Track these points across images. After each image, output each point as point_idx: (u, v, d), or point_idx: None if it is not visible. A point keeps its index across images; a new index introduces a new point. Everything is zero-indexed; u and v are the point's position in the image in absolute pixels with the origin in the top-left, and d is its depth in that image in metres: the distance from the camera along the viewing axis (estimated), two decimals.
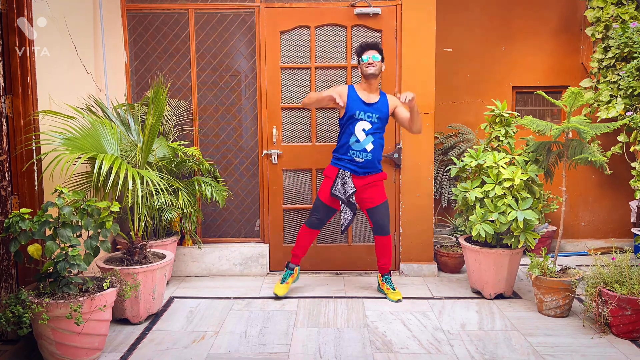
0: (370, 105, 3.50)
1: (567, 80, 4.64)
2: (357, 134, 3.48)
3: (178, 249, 4.12)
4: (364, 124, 3.48)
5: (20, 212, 2.54)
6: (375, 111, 3.49)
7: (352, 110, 3.49)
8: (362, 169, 3.51)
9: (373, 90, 3.54)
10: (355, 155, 3.49)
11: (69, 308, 2.52)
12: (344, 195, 3.49)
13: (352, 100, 3.51)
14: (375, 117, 3.49)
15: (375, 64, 3.45)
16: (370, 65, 3.45)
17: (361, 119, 3.48)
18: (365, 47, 3.49)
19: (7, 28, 2.77)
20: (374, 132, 3.49)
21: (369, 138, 3.49)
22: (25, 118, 2.81)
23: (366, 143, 3.49)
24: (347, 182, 3.49)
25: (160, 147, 3.74)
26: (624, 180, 4.58)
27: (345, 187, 3.49)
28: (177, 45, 4.13)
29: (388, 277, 3.71)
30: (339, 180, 3.51)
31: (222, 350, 2.86)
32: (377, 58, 3.45)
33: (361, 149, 3.48)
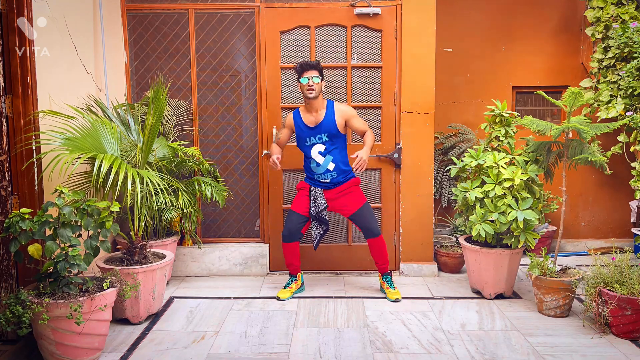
0: (315, 127, 3.49)
1: (567, 80, 4.64)
2: (315, 158, 3.51)
3: (178, 249, 4.12)
4: (318, 147, 3.50)
5: (21, 212, 2.54)
6: (323, 131, 3.48)
7: (301, 139, 3.54)
8: (332, 185, 3.56)
9: (318, 108, 3.51)
10: (321, 178, 3.54)
11: (69, 308, 2.52)
12: (314, 212, 3.53)
13: (298, 127, 3.55)
14: (325, 136, 3.49)
15: (315, 87, 3.43)
16: (310, 89, 3.43)
17: (314, 144, 3.50)
18: (305, 67, 3.44)
19: (7, 28, 2.77)
20: (330, 150, 3.50)
21: (328, 158, 3.50)
22: (25, 118, 2.81)
23: (327, 164, 3.51)
24: (319, 198, 3.54)
25: (160, 147, 3.74)
26: (624, 180, 4.58)
27: (316, 204, 3.53)
28: (177, 45, 4.13)
29: (388, 277, 3.71)
30: (312, 197, 3.56)
31: (222, 350, 2.86)
32: (317, 80, 3.44)
33: (324, 171, 3.52)
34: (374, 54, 4.09)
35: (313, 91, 3.44)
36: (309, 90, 3.44)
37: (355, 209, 3.56)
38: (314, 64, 3.47)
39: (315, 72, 3.45)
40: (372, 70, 4.10)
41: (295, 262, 3.70)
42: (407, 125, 4.07)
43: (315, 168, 3.53)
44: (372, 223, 3.57)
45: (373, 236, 3.58)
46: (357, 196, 3.59)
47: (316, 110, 3.52)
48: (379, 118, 4.12)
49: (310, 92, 3.44)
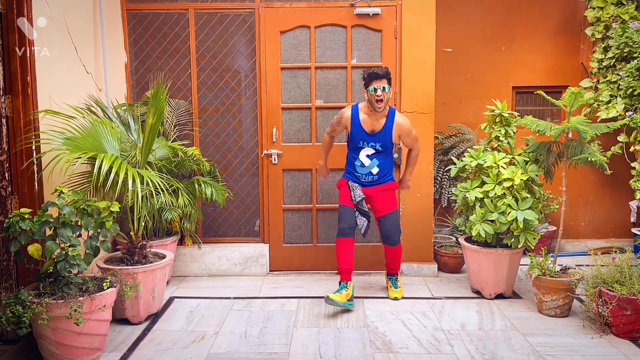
0: (374, 135, 3.45)
1: (567, 80, 4.64)
2: (361, 159, 3.52)
3: (178, 249, 4.12)
4: (368, 150, 3.50)
5: (21, 212, 2.54)
6: (379, 140, 3.46)
7: (355, 140, 3.50)
8: (371, 183, 3.57)
9: (380, 117, 3.45)
10: (362, 178, 3.56)
11: (69, 308, 2.52)
12: (354, 202, 3.52)
13: (354, 127, 3.47)
14: (378, 145, 3.47)
15: (384, 97, 3.35)
16: (379, 100, 3.34)
17: (364, 147, 3.49)
18: (373, 76, 3.34)
19: (7, 28, 2.77)
20: (378, 155, 3.51)
21: (374, 162, 3.51)
22: (25, 118, 2.81)
23: (371, 167, 3.51)
24: (356, 190, 3.53)
25: (160, 147, 3.74)
26: (624, 180, 4.58)
27: (354, 194, 3.52)
28: (177, 45, 4.13)
29: (394, 277, 3.73)
30: (350, 189, 3.55)
31: (222, 350, 2.86)
32: (387, 89, 3.36)
33: (366, 173, 3.53)
34: (374, 54, 4.09)
35: (382, 101, 3.34)
36: (379, 100, 3.34)
37: (386, 211, 3.54)
38: (384, 72, 3.35)
39: (385, 81, 3.34)
40: None
41: (346, 265, 3.45)
42: None
43: (360, 168, 3.53)
44: (394, 231, 3.55)
45: (390, 244, 3.58)
46: (391, 199, 3.57)
47: (377, 118, 3.44)
48: None
49: (379, 102, 3.34)
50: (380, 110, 3.38)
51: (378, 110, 3.38)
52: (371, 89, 3.35)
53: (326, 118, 4.13)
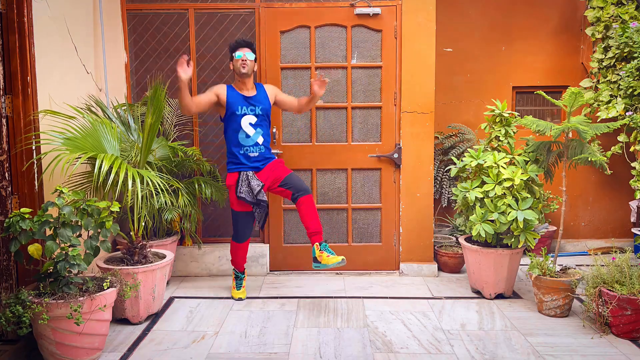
0: (251, 98, 3.46)
1: (567, 80, 4.64)
2: (245, 130, 3.44)
3: (178, 249, 4.12)
4: (250, 118, 3.44)
5: (21, 211, 2.54)
6: (257, 103, 3.47)
7: (234, 106, 3.43)
8: (260, 162, 3.48)
9: (249, 88, 3.50)
10: (249, 151, 3.45)
11: (69, 308, 2.52)
12: (251, 196, 3.41)
13: (233, 97, 3.45)
14: (258, 109, 3.46)
15: (248, 63, 3.41)
16: (243, 63, 3.40)
17: (245, 114, 3.44)
18: (240, 44, 3.45)
19: (7, 28, 2.77)
20: (260, 124, 3.47)
21: (258, 131, 3.46)
22: (25, 118, 2.81)
23: (257, 137, 3.46)
24: (252, 180, 3.42)
25: (160, 147, 3.74)
26: (624, 180, 4.58)
27: (251, 187, 3.41)
28: (177, 45, 4.13)
29: (325, 244, 3.39)
30: (242, 182, 3.43)
31: (222, 350, 2.86)
32: (251, 56, 3.42)
33: (253, 144, 3.45)
34: (374, 54, 4.09)
35: (246, 65, 3.41)
36: (243, 63, 3.40)
37: (286, 174, 3.46)
38: (248, 42, 3.48)
39: (249, 50, 3.44)
40: (372, 70, 4.10)
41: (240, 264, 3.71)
42: (407, 125, 4.07)
43: (245, 140, 3.44)
44: (304, 183, 3.45)
45: (307, 192, 3.40)
46: (283, 166, 3.54)
47: (249, 87, 3.50)
48: (379, 118, 4.12)
49: (244, 66, 3.40)
50: (245, 70, 3.40)
51: (243, 71, 3.40)
52: (237, 55, 3.42)
53: (326, 118, 4.13)
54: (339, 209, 4.20)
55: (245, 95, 3.47)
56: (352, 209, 4.19)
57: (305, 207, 3.39)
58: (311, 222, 3.40)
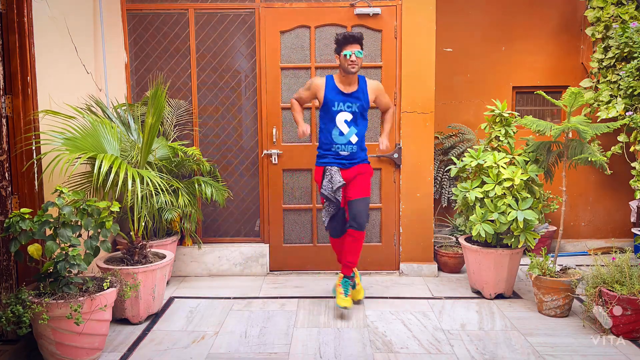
0: (349, 95, 3.34)
1: (567, 80, 4.64)
2: (339, 127, 3.33)
3: (178, 249, 4.12)
4: (345, 115, 3.33)
5: (21, 212, 2.54)
6: (355, 100, 3.34)
7: (331, 102, 3.33)
8: (349, 161, 3.37)
9: (352, 83, 3.37)
10: (340, 149, 3.34)
11: (69, 308, 2.52)
12: (330, 191, 3.31)
13: (330, 91, 3.34)
14: (356, 106, 3.33)
15: (358, 62, 3.27)
16: (352, 64, 3.25)
17: (341, 110, 3.32)
18: (349, 39, 3.26)
19: (7, 28, 2.77)
20: (356, 122, 3.35)
21: (353, 129, 3.34)
22: (25, 118, 2.81)
23: (350, 135, 3.34)
24: (335, 176, 3.31)
25: (160, 147, 3.74)
26: (624, 180, 4.58)
27: (332, 182, 3.31)
28: (177, 45, 4.13)
29: (348, 281, 3.38)
30: (326, 178, 3.34)
31: (222, 350, 2.86)
32: (360, 54, 3.27)
33: (346, 142, 3.33)
34: (374, 54, 4.09)
35: (356, 65, 3.26)
36: (352, 64, 3.25)
37: (361, 195, 3.34)
38: (358, 36, 3.28)
39: (359, 46, 3.27)
40: (372, 70, 4.10)
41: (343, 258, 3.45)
42: (407, 125, 4.07)
43: (338, 137, 3.32)
44: (364, 215, 3.35)
45: (360, 228, 3.32)
46: (367, 185, 3.40)
47: (349, 83, 3.36)
48: (379, 118, 4.12)
49: (353, 66, 3.25)
50: (354, 71, 3.27)
51: (352, 71, 3.26)
52: (346, 53, 3.25)
53: None
54: None
55: (344, 91, 3.34)
56: None
57: (351, 240, 3.35)
58: (349, 254, 3.38)
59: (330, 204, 3.38)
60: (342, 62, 3.30)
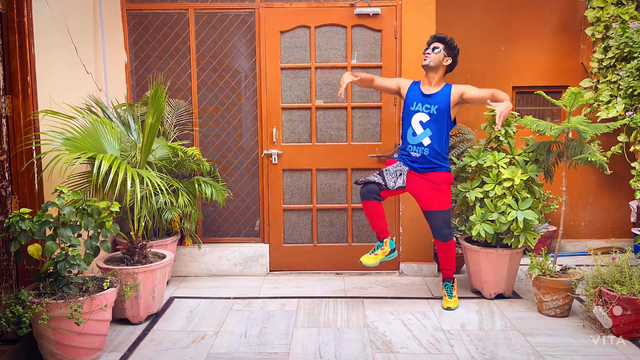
0: (429, 96, 3.33)
1: (567, 80, 4.64)
2: (413, 127, 3.34)
3: (178, 249, 4.12)
4: (421, 116, 3.32)
5: (20, 212, 2.54)
6: (434, 102, 3.31)
7: (409, 102, 3.37)
8: (420, 165, 3.33)
9: (434, 84, 3.37)
10: (412, 150, 3.34)
11: (69, 308, 2.52)
12: (390, 177, 3.30)
13: (411, 90, 3.41)
14: (434, 108, 3.30)
15: (430, 55, 3.31)
16: (426, 55, 3.33)
17: (418, 111, 3.33)
18: (431, 40, 3.39)
19: (7, 28, 2.77)
20: (432, 125, 3.30)
21: (427, 131, 3.30)
22: (25, 118, 2.81)
23: (423, 136, 3.30)
24: (403, 175, 3.34)
25: (160, 147, 3.74)
26: (624, 180, 4.58)
27: (396, 177, 3.32)
28: (177, 45, 4.13)
29: (448, 283, 3.50)
30: (397, 166, 3.36)
31: (222, 350, 2.86)
32: (437, 49, 3.31)
33: (417, 143, 3.31)
34: (374, 54, 4.09)
35: (427, 58, 3.32)
36: (425, 56, 3.33)
37: (436, 208, 3.35)
38: (441, 36, 3.36)
39: (438, 42, 3.34)
40: (372, 70, 4.10)
41: (379, 224, 3.40)
42: None
43: (411, 137, 3.34)
44: (443, 227, 3.38)
45: (440, 239, 3.41)
46: (445, 198, 3.35)
47: (434, 84, 3.36)
48: (379, 118, 4.12)
49: (425, 58, 3.33)
50: (426, 62, 3.32)
51: (423, 62, 3.33)
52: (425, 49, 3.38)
53: (326, 118, 4.13)
54: (339, 209, 4.20)
55: (424, 92, 3.36)
56: (352, 209, 4.19)
57: (438, 248, 3.50)
58: (442, 262, 3.53)
59: (379, 178, 3.32)
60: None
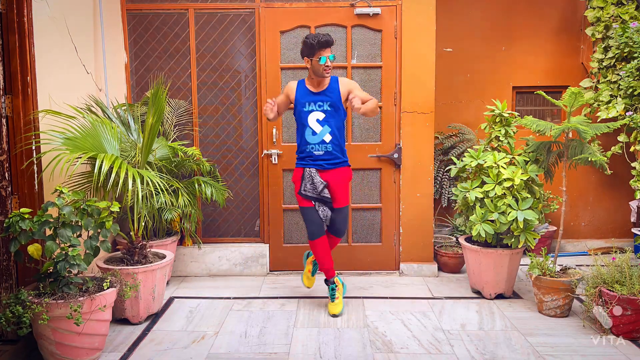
0: (319, 93, 3.32)
1: (567, 80, 4.64)
2: (312, 127, 3.30)
3: (178, 249, 4.12)
4: (317, 115, 3.30)
5: (20, 212, 2.54)
6: (326, 99, 3.30)
7: (301, 103, 3.32)
8: (326, 162, 3.32)
9: (323, 83, 3.35)
10: (315, 149, 3.31)
11: (69, 308, 2.52)
12: (315, 192, 3.30)
13: (301, 92, 3.35)
14: (326, 105, 3.29)
15: (330, 68, 3.26)
16: (328, 69, 3.25)
17: (312, 110, 3.30)
18: (323, 44, 3.21)
19: (7, 28, 2.77)
20: (329, 120, 3.30)
21: (326, 128, 3.29)
22: (25, 118, 2.81)
23: (323, 134, 3.29)
24: (315, 177, 3.30)
25: (160, 147, 3.74)
26: (624, 180, 4.58)
27: (314, 184, 3.30)
28: (177, 45, 4.13)
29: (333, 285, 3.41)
30: (306, 179, 3.32)
31: (222, 350, 2.86)
32: (333, 58, 3.27)
33: (319, 141, 3.30)
34: (374, 53, 4.09)
35: (329, 72, 3.27)
36: (327, 69, 3.25)
37: (342, 204, 3.39)
38: (330, 40, 3.24)
39: (330, 50, 3.27)
40: (372, 70, 4.10)
41: (330, 259, 3.42)
42: (407, 125, 4.07)
43: (311, 137, 3.30)
44: (344, 226, 3.45)
45: (338, 236, 3.47)
46: (346, 193, 3.42)
47: (320, 84, 3.35)
48: (379, 118, 4.12)
49: (327, 71, 3.25)
50: (328, 76, 3.30)
51: (326, 76, 3.28)
52: (322, 60, 3.22)
53: None
54: None
55: (312, 90, 3.34)
56: (352, 209, 4.19)
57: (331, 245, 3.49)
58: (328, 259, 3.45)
59: (322, 205, 3.36)
60: (315, 67, 3.26)
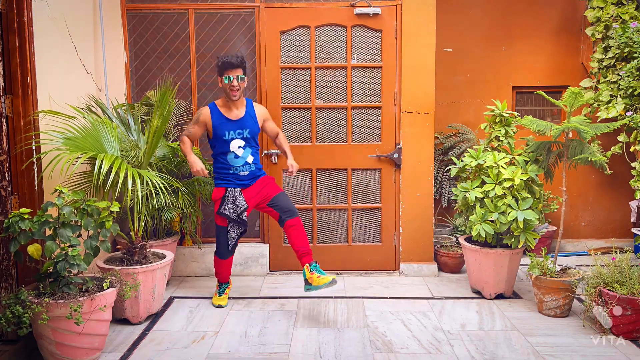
0: (237, 121, 3.35)
1: (567, 80, 4.64)
2: (235, 152, 3.35)
3: (178, 249, 4.12)
4: (238, 142, 3.35)
5: (20, 212, 2.54)
6: (244, 127, 3.36)
7: (221, 132, 3.33)
8: (250, 180, 3.40)
9: (238, 107, 3.39)
10: (239, 171, 3.37)
11: (69, 308, 2.52)
12: (234, 214, 3.35)
13: (218, 120, 3.34)
14: (246, 132, 3.36)
15: (240, 87, 3.27)
16: (234, 89, 3.26)
17: (233, 138, 3.34)
18: (227, 65, 3.24)
19: (7, 28, 2.77)
20: (249, 144, 3.39)
21: (247, 150, 3.37)
22: (25, 118, 2.81)
23: (246, 156, 3.37)
24: (238, 198, 3.35)
25: (161, 147, 3.74)
26: (624, 180, 4.58)
27: (236, 204, 3.34)
28: (177, 45, 4.13)
29: (316, 264, 3.34)
30: (228, 199, 3.35)
31: (222, 350, 2.86)
32: (243, 78, 3.28)
33: (243, 163, 3.37)
34: (374, 54, 4.09)
35: (237, 93, 3.29)
36: (234, 90, 3.27)
37: (275, 192, 3.41)
38: (239, 61, 3.26)
39: (241, 70, 3.27)
40: (372, 70, 4.10)
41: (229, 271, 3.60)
42: (407, 125, 4.07)
43: (234, 160, 3.34)
44: (292, 204, 3.42)
45: (295, 215, 3.36)
46: (274, 185, 3.48)
47: (237, 107, 3.38)
48: (379, 118, 4.12)
49: (235, 93, 3.28)
50: (236, 98, 3.29)
51: (233, 98, 3.28)
52: (226, 79, 3.25)
53: (326, 118, 4.13)
54: (339, 209, 4.20)
55: (231, 119, 3.35)
56: (352, 209, 4.19)
57: (293, 230, 3.35)
58: (300, 243, 3.35)
59: (236, 226, 3.41)
60: (223, 85, 3.29)
